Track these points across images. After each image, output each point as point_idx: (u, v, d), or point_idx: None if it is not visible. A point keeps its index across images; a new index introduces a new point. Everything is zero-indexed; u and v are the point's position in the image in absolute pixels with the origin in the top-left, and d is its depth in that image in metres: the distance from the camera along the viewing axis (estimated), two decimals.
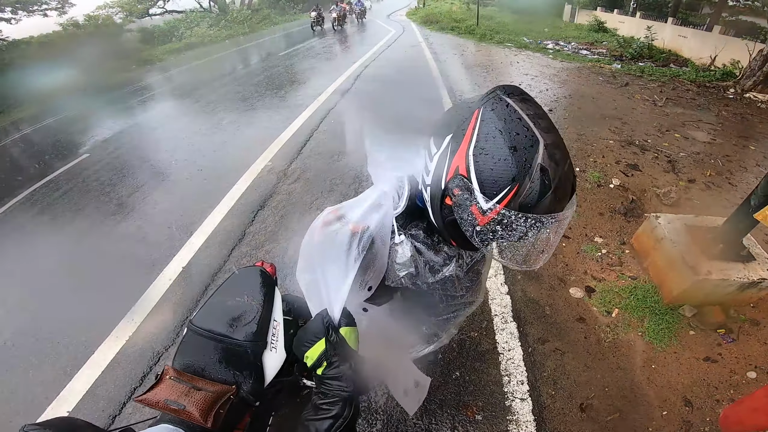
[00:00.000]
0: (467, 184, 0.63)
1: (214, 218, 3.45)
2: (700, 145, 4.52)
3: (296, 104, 6.10)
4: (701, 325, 2.37)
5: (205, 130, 5.50)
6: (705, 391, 2.08)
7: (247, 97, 6.69)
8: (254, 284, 1.45)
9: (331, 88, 6.82)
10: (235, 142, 5.02)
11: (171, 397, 1.19)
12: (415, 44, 10.46)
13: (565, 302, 2.53)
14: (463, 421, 1.95)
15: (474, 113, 0.64)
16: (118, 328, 2.49)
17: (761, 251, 2.42)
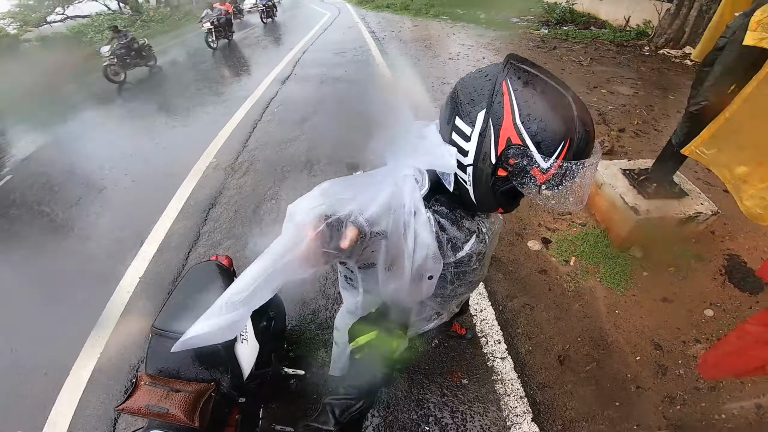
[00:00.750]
0: (524, 150, 0.65)
1: (164, 223, 3.23)
2: (625, 98, 4.89)
3: (235, 97, 5.80)
4: (652, 264, 2.56)
5: (139, 134, 5.07)
6: (670, 333, 2.23)
7: (179, 96, 6.25)
8: (212, 279, 1.42)
9: (270, 76, 6.54)
10: (173, 143, 4.69)
11: (152, 402, 1.16)
12: (352, 25, 10.27)
13: (526, 256, 2.67)
14: (451, 386, 2.01)
15: (502, 85, 0.66)
16: (86, 346, 2.32)
17: (692, 187, 2.67)
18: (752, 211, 1.89)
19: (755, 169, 1.86)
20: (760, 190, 1.85)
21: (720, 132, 2.01)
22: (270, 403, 1.88)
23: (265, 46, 9.45)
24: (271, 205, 3.33)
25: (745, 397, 1.93)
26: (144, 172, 4.09)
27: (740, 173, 1.93)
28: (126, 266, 2.84)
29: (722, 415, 1.87)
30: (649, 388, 1.98)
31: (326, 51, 7.90)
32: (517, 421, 1.86)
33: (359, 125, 4.53)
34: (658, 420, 1.86)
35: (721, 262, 2.58)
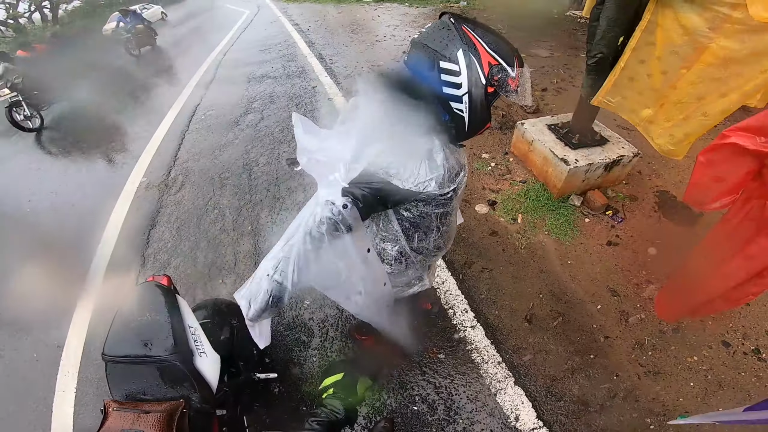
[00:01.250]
0: (501, 67, 0.89)
1: (104, 252, 2.99)
2: (543, 60, 5.19)
3: (156, 109, 5.39)
4: (591, 210, 2.73)
5: (52, 162, 4.60)
6: (622, 277, 2.36)
7: (94, 113, 5.70)
8: (152, 299, 1.39)
9: (192, 82, 6.15)
10: (95, 167, 4.31)
11: (125, 427, 1.14)
12: (274, 20, 9.86)
13: (475, 220, 2.77)
14: (429, 363, 2.03)
15: (463, 30, 0.88)
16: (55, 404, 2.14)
17: (612, 133, 2.90)
18: (664, 148, 2.08)
19: (658, 111, 2.04)
20: (666, 129, 2.03)
21: (619, 81, 2.19)
22: (253, 411, 1.84)
23: (183, 50, 8.86)
24: (214, 215, 3.18)
25: (709, 336, 2.06)
26: (70, 203, 3.72)
27: (646, 116, 2.12)
28: (73, 303, 2.62)
29: (694, 357, 1.98)
30: (617, 337, 2.08)
31: (249, 50, 7.55)
32: (500, 387, 1.91)
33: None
34: (634, 368, 1.96)
35: (653, 200, 2.81)
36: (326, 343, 2.18)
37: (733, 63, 1.63)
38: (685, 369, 1.95)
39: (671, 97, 1.95)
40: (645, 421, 1.78)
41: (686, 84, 1.84)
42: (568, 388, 1.91)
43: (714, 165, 1.29)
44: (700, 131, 1.90)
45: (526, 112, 3.86)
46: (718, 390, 1.86)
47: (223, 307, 1.88)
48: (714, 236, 1.53)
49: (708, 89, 1.76)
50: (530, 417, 1.80)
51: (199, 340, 1.38)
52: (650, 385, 1.89)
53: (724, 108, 1.74)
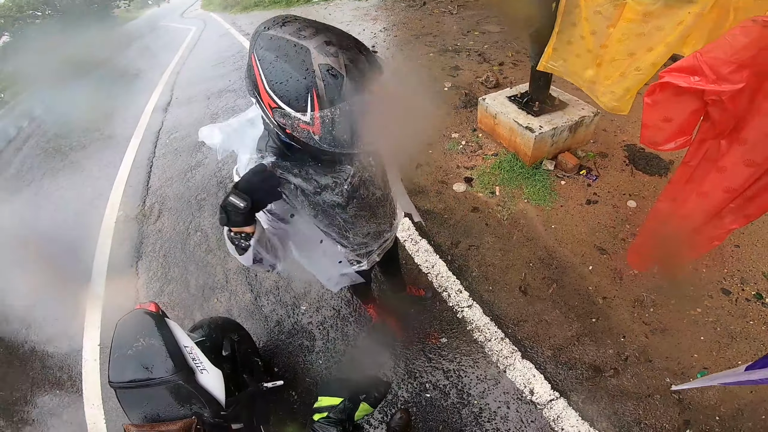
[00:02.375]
0: (283, 111, 0.70)
1: (97, 292, 2.97)
2: (496, 35, 5.25)
3: (117, 138, 5.23)
4: (565, 172, 2.79)
5: (21, 206, 4.44)
6: (606, 233, 2.35)
7: (53, 153, 5.49)
8: (143, 326, 1.44)
9: (149, 107, 5.98)
10: (68, 206, 4.17)
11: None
12: (223, 33, 9.59)
13: (455, 200, 2.82)
14: (433, 349, 2.03)
15: (251, 58, 0.71)
16: None
17: (570, 96, 2.98)
18: (608, 105, 2.15)
19: (597, 71, 2.11)
20: (607, 87, 2.09)
21: (558, 45, 2.26)
22: (269, 421, 1.87)
23: (133, 74, 8.57)
24: (198, 237, 3.14)
25: (707, 285, 2.02)
26: (49, 246, 3.59)
27: (588, 77, 2.18)
28: (81, 340, 2.64)
29: (698, 309, 1.94)
30: (615, 296, 2.07)
31: (203, 66, 7.36)
32: (508, 362, 1.91)
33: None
34: (639, 327, 1.93)
35: (623, 154, 2.89)
36: (329, 344, 2.20)
37: (651, 17, 1.69)
38: (691, 323, 1.91)
39: (605, 56, 2.00)
40: (665, 380, 1.76)
41: (615, 42, 1.89)
42: (577, 355, 1.89)
43: (659, 105, 1.34)
44: (637, 85, 1.95)
45: (486, 87, 3.93)
46: (731, 342, 1.83)
47: (220, 324, 1.92)
48: (676, 180, 1.60)
49: (636, 45, 1.81)
50: (545, 389, 1.80)
51: (197, 358, 1.44)
52: (660, 344, 1.87)
53: (653, 61, 1.79)
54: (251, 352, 1.97)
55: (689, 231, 1.59)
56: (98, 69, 10.08)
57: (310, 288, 2.50)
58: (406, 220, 2.69)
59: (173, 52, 9.39)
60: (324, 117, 0.68)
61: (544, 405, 1.76)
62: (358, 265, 1.28)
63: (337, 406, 0.96)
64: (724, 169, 1.35)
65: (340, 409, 0.96)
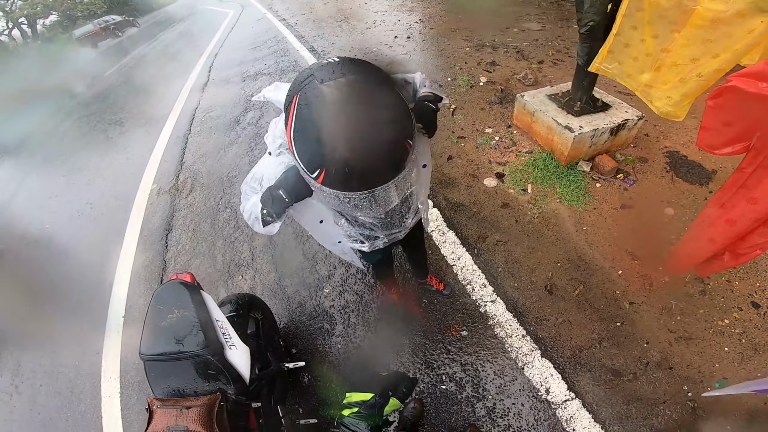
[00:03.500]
0: (295, 157, 0.74)
1: (125, 263, 3.06)
2: (536, 33, 5.11)
3: (155, 117, 5.41)
4: (601, 175, 2.71)
5: (63, 181, 4.63)
6: (640, 239, 2.27)
7: (92, 130, 5.73)
8: (178, 297, 1.43)
9: (187, 87, 6.15)
10: (104, 180, 4.34)
11: (170, 423, 1.20)
12: (260, 17, 9.74)
13: (485, 194, 2.78)
14: (453, 341, 2.02)
15: (294, 98, 0.71)
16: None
17: (614, 98, 2.88)
18: (663, 110, 2.09)
19: (655, 75, 2.06)
20: (664, 91, 2.04)
21: (614, 47, 2.20)
22: (287, 401, 1.90)
23: (171, 56, 8.82)
24: (227, 214, 3.22)
25: (737, 297, 1.98)
26: (85, 217, 3.78)
27: (644, 80, 2.13)
28: (104, 312, 2.71)
29: (725, 320, 1.91)
30: (642, 302, 2.02)
31: (240, 49, 7.51)
32: (527, 360, 1.89)
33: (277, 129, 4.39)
34: (664, 334, 1.90)
35: (664, 161, 2.78)
36: (349, 329, 2.21)
37: (720, 24, 1.64)
38: (717, 333, 1.88)
39: (666, 60, 1.96)
40: (682, 388, 1.74)
41: (678, 47, 1.85)
42: (598, 358, 1.86)
43: (722, 109, 1.33)
44: (696, 92, 1.90)
45: (524, 85, 3.84)
46: (754, 354, 1.80)
47: (247, 301, 1.92)
48: (728, 186, 1.55)
49: (700, 51, 1.77)
50: (561, 389, 1.78)
51: (228, 333, 1.43)
52: (683, 352, 1.84)
53: (717, 68, 1.74)
54: (274, 332, 1.97)
55: (734, 237, 1.55)
56: (140, 49, 10.41)
57: (335, 271, 2.52)
58: (434, 209, 2.70)
59: (212, 35, 9.60)
60: (324, 189, 0.74)
61: (558, 405, 1.75)
62: (360, 245, 1.28)
63: (368, 401, 0.98)
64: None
65: (370, 404, 0.97)
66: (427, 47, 5.24)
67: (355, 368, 2.09)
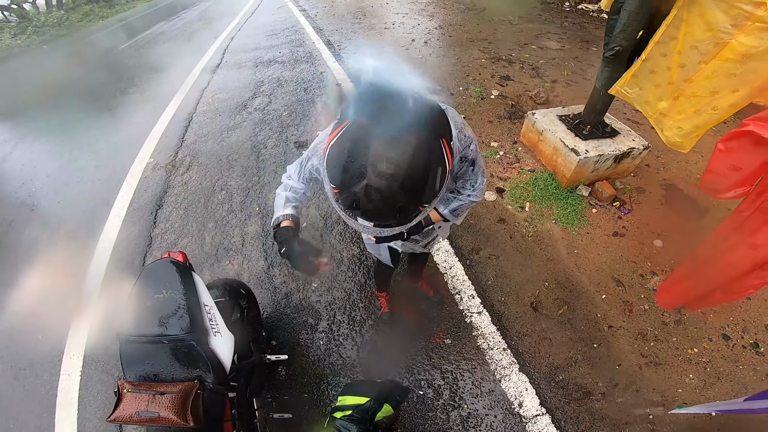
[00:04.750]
0: (323, 162, 0.78)
1: (110, 234, 2.99)
2: (554, 52, 5.12)
3: (162, 93, 5.35)
4: (599, 201, 2.74)
5: (58, 144, 4.56)
6: (627, 267, 2.36)
7: (98, 99, 5.66)
8: (168, 276, 1.36)
9: (199, 67, 6.09)
10: (101, 149, 4.26)
11: (140, 408, 1.13)
12: (281, 5, 9.71)
13: (483, 207, 2.77)
14: (436, 348, 2.05)
15: (346, 122, 0.75)
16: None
17: (623, 125, 2.88)
18: (672, 140, 2.11)
19: (672, 104, 2.07)
20: (677, 121, 2.06)
21: (639, 72, 2.21)
22: (262, 394, 1.86)
23: (187, 36, 8.78)
24: (222, 196, 3.18)
25: (710, 329, 2.07)
26: (75, 184, 3.72)
27: (661, 108, 2.14)
28: (78, 284, 2.62)
29: (695, 349, 2.00)
30: (620, 327, 2.10)
31: (256, 35, 7.47)
32: (505, 373, 1.93)
33: (302, 104, 4.40)
34: (636, 358, 1.97)
35: (661, 192, 2.81)
36: (333, 326, 2.19)
37: (749, 59, 1.66)
38: (685, 360, 1.97)
39: (686, 90, 1.98)
40: (645, 411, 1.81)
41: (702, 78, 1.87)
42: (572, 376, 1.93)
43: (732, 153, 1.33)
44: (708, 125, 1.94)
45: (535, 102, 3.83)
46: (716, 382, 1.89)
47: (234, 287, 1.87)
48: (725, 227, 1.57)
49: (722, 84, 1.79)
50: (533, 404, 1.83)
51: (214, 319, 1.38)
52: (651, 376, 1.92)
53: (732, 103, 1.77)
54: (257, 321, 1.93)
55: (731, 278, 1.57)
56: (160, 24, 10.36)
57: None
58: None
59: (231, 18, 9.57)
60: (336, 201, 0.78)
61: (529, 419, 1.79)
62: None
63: (362, 405, 0.97)
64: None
65: (364, 409, 0.97)
66: (443, 54, 5.23)
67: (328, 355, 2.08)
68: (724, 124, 3.32)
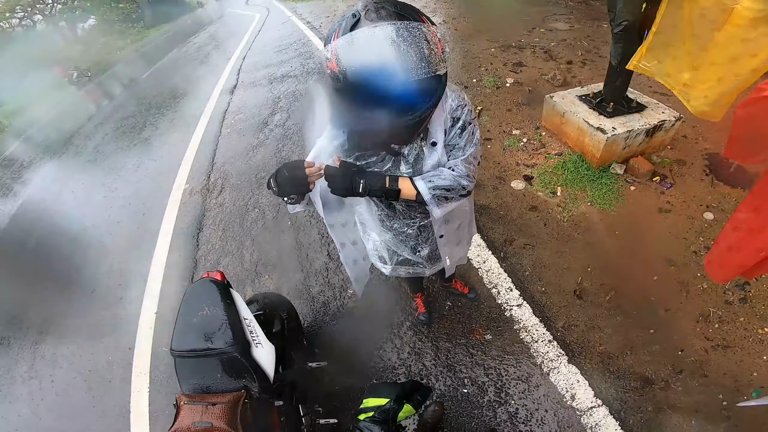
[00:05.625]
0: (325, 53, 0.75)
1: (159, 258, 3.18)
2: (564, 33, 4.98)
3: (187, 118, 5.62)
4: (636, 178, 2.61)
5: (103, 180, 4.83)
6: (678, 244, 2.20)
7: (131, 131, 5.99)
8: (209, 295, 1.47)
9: (217, 90, 6.34)
10: (141, 179, 4.52)
11: (195, 419, 1.23)
12: (285, 20, 9.95)
13: (512, 197, 2.74)
14: (476, 345, 2.00)
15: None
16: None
17: (650, 99, 2.78)
18: (699, 109, 2.03)
19: (694, 74, 2.00)
20: (702, 91, 1.98)
21: (654, 45, 2.15)
22: (308, 401, 1.93)
23: (201, 60, 9.13)
24: (255, 214, 3.31)
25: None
26: (124, 216, 3.94)
27: (684, 80, 2.06)
28: (138, 307, 2.81)
29: (766, 328, 1.84)
30: (678, 309, 1.95)
31: (266, 52, 7.68)
32: (553, 365, 1.85)
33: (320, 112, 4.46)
34: (700, 342, 1.83)
35: (703, 163, 2.66)
36: (371, 330, 2.22)
37: (759, 23, 1.60)
38: (756, 341, 1.80)
39: (705, 59, 1.90)
40: (717, 397, 1.67)
41: (718, 46, 1.80)
42: (627, 365, 1.82)
43: (754, 119, 1.27)
44: (734, 92, 1.85)
45: (553, 85, 3.75)
46: None
47: (273, 300, 1.97)
48: (761, 188, 1.49)
49: (740, 50, 1.72)
50: (587, 395, 1.74)
51: (255, 332, 1.46)
52: (719, 360, 1.77)
53: (754, 67, 1.70)
54: (298, 331, 2.01)
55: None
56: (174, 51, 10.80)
57: None
58: None
59: (239, 38, 9.86)
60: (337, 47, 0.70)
61: (584, 412, 1.71)
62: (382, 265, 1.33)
63: (383, 407, 0.99)
64: None
65: (385, 409, 0.98)
66: (451, 48, 5.10)
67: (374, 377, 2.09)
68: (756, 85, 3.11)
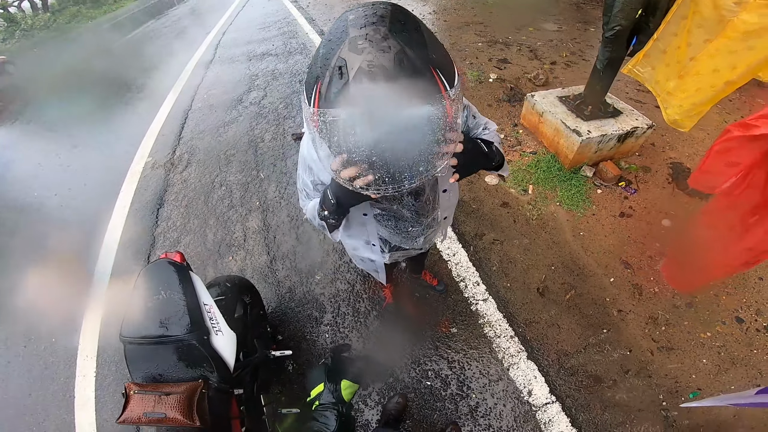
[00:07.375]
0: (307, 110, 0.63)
1: (113, 234, 2.98)
2: (551, 34, 5.02)
3: (157, 90, 5.30)
4: (603, 182, 2.69)
5: (57, 148, 4.49)
6: (636, 249, 2.30)
7: (94, 99, 5.60)
8: (166, 277, 1.36)
9: (191, 63, 6.02)
10: (99, 150, 4.22)
11: (147, 409, 1.15)
12: None
13: (485, 192, 2.74)
14: (442, 338, 2.02)
15: None
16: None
17: (625, 105, 2.83)
18: (671, 118, 2.09)
19: (678, 83, 2.05)
20: (680, 100, 2.03)
21: (651, 52, 2.18)
22: (270, 389, 1.85)
23: (178, 33, 8.67)
24: (222, 192, 3.16)
25: (722, 312, 2.02)
26: (76, 187, 3.68)
27: (669, 88, 2.11)
28: (87, 285, 2.62)
29: (708, 333, 1.95)
30: (630, 311, 2.05)
31: (248, 28, 7.37)
32: (513, 361, 1.90)
33: (297, 95, 4.34)
34: (647, 343, 1.93)
35: (667, 171, 2.75)
36: (338, 318, 2.18)
37: (750, 36, 1.64)
38: (698, 345, 1.92)
39: (692, 69, 1.94)
40: (658, 397, 1.77)
41: (706, 56, 1.84)
42: (581, 363, 1.89)
43: (730, 151, 1.34)
44: (706, 103, 1.91)
45: (534, 84, 3.77)
46: (730, 367, 1.84)
47: (236, 283, 1.86)
48: (715, 205, 1.56)
49: (723, 62, 1.77)
50: (543, 392, 1.81)
51: (215, 318, 1.38)
52: (663, 361, 1.88)
53: (728, 80, 1.75)
54: (261, 317, 1.92)
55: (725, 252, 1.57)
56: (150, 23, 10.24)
57: (327, 258, 2.48)
58: None
59: (222, 12, 9.43)
60: (320, 115, 0.58)
61: (539, 407, 1.77)
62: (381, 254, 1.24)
63: (321, 393, 0.99)
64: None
65: (325, 395, 0.98)
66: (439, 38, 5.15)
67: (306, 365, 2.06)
68: (729, 101, 3.26)
